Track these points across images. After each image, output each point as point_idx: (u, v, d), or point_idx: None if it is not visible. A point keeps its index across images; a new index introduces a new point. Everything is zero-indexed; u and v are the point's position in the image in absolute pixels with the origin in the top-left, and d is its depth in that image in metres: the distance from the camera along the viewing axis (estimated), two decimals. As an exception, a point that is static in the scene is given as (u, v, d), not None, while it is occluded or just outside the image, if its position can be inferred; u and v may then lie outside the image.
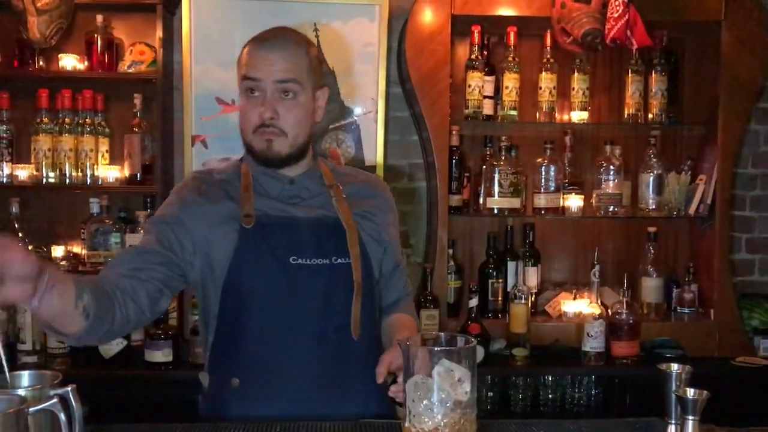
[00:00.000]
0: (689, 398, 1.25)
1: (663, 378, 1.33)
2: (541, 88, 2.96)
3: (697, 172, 3.04)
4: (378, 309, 1.74)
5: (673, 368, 1.33)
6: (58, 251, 2.94)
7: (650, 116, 3.00)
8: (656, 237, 3.03)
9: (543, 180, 2.94)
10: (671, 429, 1.33)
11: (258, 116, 1.60)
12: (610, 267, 3.15)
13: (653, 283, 3.02)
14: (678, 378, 1.32)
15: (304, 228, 1.61)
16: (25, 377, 1.22)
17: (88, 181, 2.88)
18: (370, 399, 1.60)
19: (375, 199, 1.75)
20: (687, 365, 1.34)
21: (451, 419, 1.11)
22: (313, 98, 1.66)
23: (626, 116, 3.01)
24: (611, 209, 2.96)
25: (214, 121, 2.95)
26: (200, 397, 1.67)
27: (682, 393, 1.26)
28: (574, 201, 2.97)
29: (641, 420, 1.51)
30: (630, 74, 2.98)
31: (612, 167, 2.94)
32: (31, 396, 1.12)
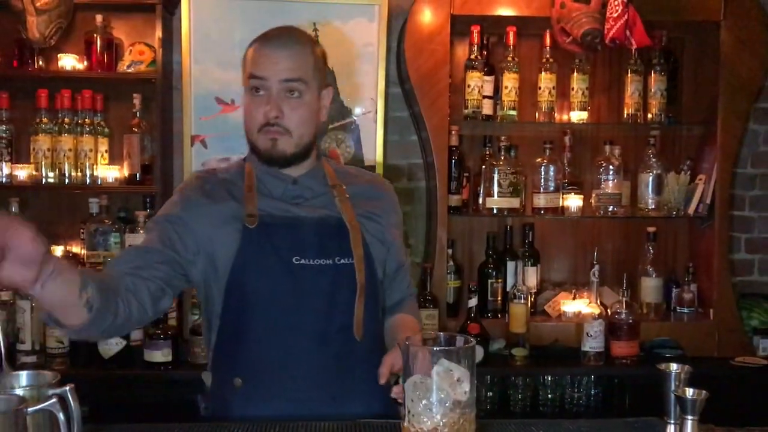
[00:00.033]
0: (688, 398, 1.25)
1: (662, 378, 1.33)
2: (541, 88, 2.97)
3: (697, 172, 3.04)
4: (381, 309, 1.73)
5: (672, 368, 1.34)
6: (58, 251, 2.93)
7: (649, 116, 3.01)
8: (655, 237, 3.03)
9: (542, 180, 2.95)
10: (670, 429, 1.33)
11: (263, 115, 1.59)
12: (610, 267, 3.15)
13: (653, 283, 3.02)
14: (677, 378, 1.32)
15: (308, 228, 1.61)
16: (24, 377, 1.21)
17: (88, 181, 2.88)
18: (373, 399, 1.59)
19: (379, 200, 1.75)
20: (686, 365, 1.35)
21: (450, 419, 1.11)
22: (318, 97, 1.65)
23: (625, 116, 3.01)
24: (610, 209, 2.96)
25: (214, 121, 2.95)
26: (199, 397, 1.67)
27: (681, 393, 1.26)
28: (574, 201, 2.97)
29: (640, 420, 1.51)
30: (629, 74, 2.98)
31: (611, 167, 2.94)
32: (30, 396, 1.12)
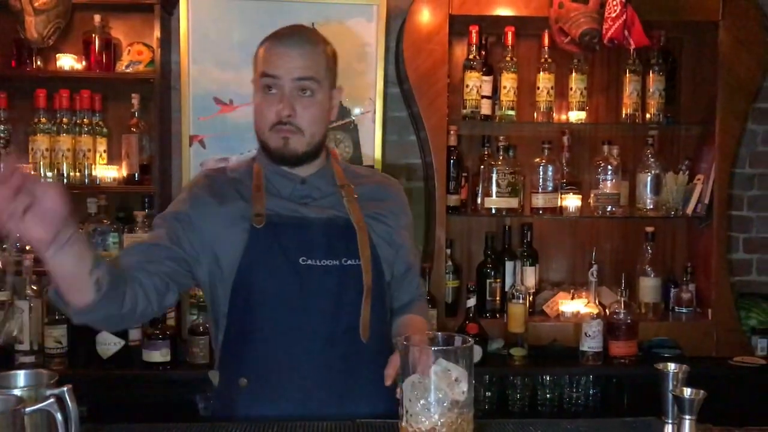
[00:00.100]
0: (686, 398, 1.25)
1: (660, 377, 1.34)
2: (539, 88, 2.97)
3: (695, 172, 3.04)
4: (389, 311, 1.72)
5: (670, 368, 1.34)
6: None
7: (648, 116, 3.01)
8: (654, 237, 3.03)
9: (541, 180, 2.95)
10: (668, 428, 1.33)
11: (275, 114, 1.58)
12: (608, 267, 3.15)
13: (651, 283, 3.02)
14: (675, 378, 1.32)
15: (315, 228, 1.60)
16: (22, 377, 1.22)
17: (86, 181, 2.88)
18: (379, 400, 1.57)
19: (388, 201, 1.73)
20: (684, 365, 1.35)
21: (448, 419, 1.11)
22: (330, 97, 1.65)
23: (624, 116, 3.02)
24: (609, 209, 2.96)
25: (212, 121, 2.95)
26: (198, 397, 1.67)
27: (679, 392, 1.26)
28: (572, 201, 2.97)
29: (638, 420, 1.51)
30: (628, 74, 2.99)
31: (610, 167, 2.95)
32: (28, 396, 1.12)
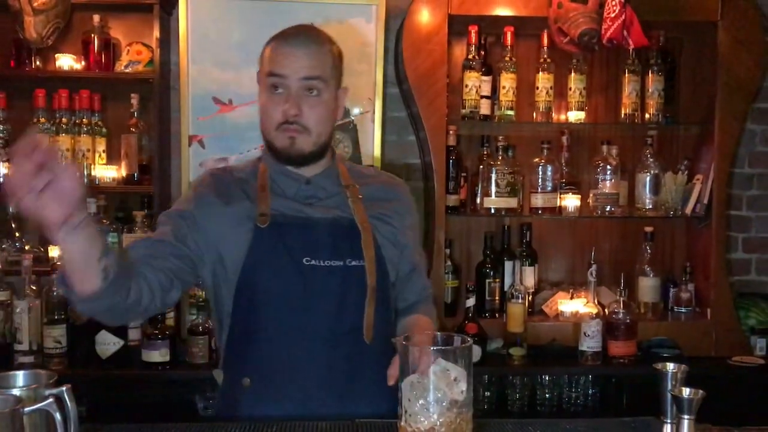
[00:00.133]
0: (685, 397, 1.25)
1: (659, 377, 1.34)
2: (538, 88, 2.97)
3: (694, 172, 3.04)
4: (393, 312, 1.71)
5: (669, 367, 1.34)
6: (55, 251, 2.92)
7: (647, 116, 3.01)
8: (653, 237, 3.04)
9: (540, 180, 2.95)
10: (667, 428, 1.34)
11: (282, 113, 1.58)
12: (607, 266, 3.15)
13: (650, 283, 3.02)
14: (674, 377, 1.32)
15: (320, 229, 1.60)
16: (21, 377, 1.21)
17: (85, 181, 2.88)
18: (382, 401, 1.54)
19: (393, 201, 1.72)
20: (683, 364, 1.35)
21: (447, 418, 1.11)
22: (336, 97, 1.65)
23: (623, 116, 3.02)
24: (608, 209, 2.96)
25: (211, 121, 2.95)
26: (197, 397, 1.67)
27: (678, 392, 1.26)
28: (571, 201, 2.97)
29: (637, 419, 1.51)
30: (627, 74, 2.99)
31: (609, 167, 2.95)
32: (27, 396, 1.12)
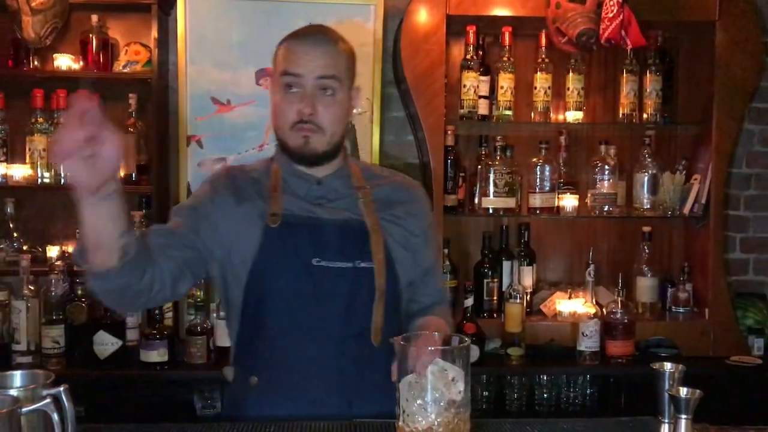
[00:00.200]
0: (682, 397, 1.25)
1: (656, 377, 1.34)
2: (536, 88, 2.97)
3: (692, 172, 3.04)
4: (403, 315, 1.69)
5: (666, 367, 1.34)
6: (53, 251, 2.93)
7: (645, 116, 3.01)
8: (651, 237, 3.04)
9: (538, 180, 2.95)
10: (664, 428, 1.34)
11: (296, 113, 1.58)
12: (605, 266, 3.15)
13: (648, 283, 3.02)
14: (671, 377, 1.33)
15: (329, 230, 1.60)
16: (18, 377, 1.21)
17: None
18: (390, 403, 1.54)
19: (406, 203, 1.71)
20: (680, 364, 1.35)
21: (445, 418, 1.12)
22: (349, 97, 1.65)
23: (621, 116, 3.02)
24: (606, 209, 2.96)
25: (210, 121, 2.95)
26: (195, 397, 1.67)
27: (675, 392, 1.26)
28: (569, 201, 2.97)
29: (635, 419, 1.52)
30: (625, 74, 2.99)
31: (607, 167, 2.95)
32: (24, 396, 1.12)
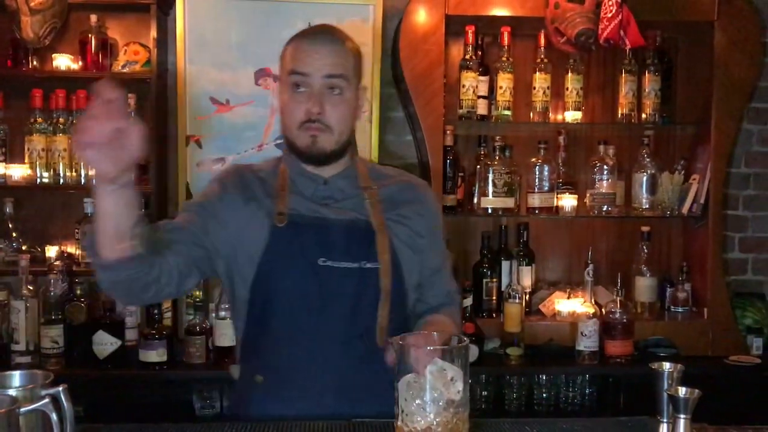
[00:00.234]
0: (680, 397, 1.25)
1: (655, 377, 1.34)
2: (535, 88, 2.97)
3: (691, 172, 3.04)
4: (412, 315, 1.69)
5: (665, 367, 1.34)
6: (52, 251, 2.93)
7: (644, 116, 3.01)
8: (650, 236, 3.04)
9: (537, 180, 2.95)
10: (663, 428, 1.34)
11: (304, 112, 1.58)
12: (604, 266, 3.15)
13: (647, 283, 3.02)
14: (670, 377, 1.33)
15: (335, 230, 1.60)
16: (17, 377, 1.21)
17: (83, 181, 2.88)
18: (394, 405, 1.56)
19: (413, 203, 1.71)
20: (679, 364, 1.35)
21: (444, 418, 1.12)
22: (357, 96, 1.66)
23: (620, 116, 3.02)
24: (605, 209, 2.97)
25: (209, 121, 2.95)
26: (194, 397, 1.67)
27: (674, 392, 1.26)
28: (568, 200, 2.97)
29: (634, 419, 1.52)
30: (623, 74, 2.99)
31: (605, 167, 2.95)
32: (23, 396, 1.12)
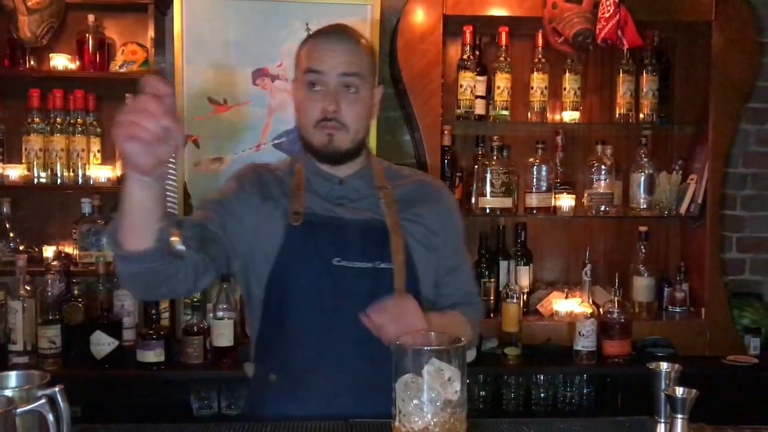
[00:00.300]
0: (678, 397, 1.25)
1: (653, 377, 1.34)
2: (533, 88, 2.97)
3: (688, 172, 3.04)
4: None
5: (663, 367, 1.34)
6: (50, 251, 2.92)
7: (641, 116, 3.01)
8: (647, 236, 3.04)
9: (535, 180, 2.95)
10: (660, 428, 1.34)
11: (320, 111, 1.58)
12: (602, 266, 3.16)
13: (644, 283, 3.02)
14: (667, 377, 1.33)
15: (350, 230, 1.60)
16: (13, 377, 1.21)
17: (80, 181, 2.87)
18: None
19: (429, 203, 1.71)
20: (676, 364, 1.35)
21: (441, 418, 1.11)
22: (372, 95, 1.65)
23: (617, 116, 3.02)
24: (602, 209, 2.97)
25: (206, 121, 2.95)
26: (192, 397, 1.67)
27: (671, 392, 1.26)
28: (566, 200, 2.97)
29: (631, 419, 1.52)
30: (621, 74, 2.99)
31: (603, 167, 2.95)
32: (19, 397, 1.11)
